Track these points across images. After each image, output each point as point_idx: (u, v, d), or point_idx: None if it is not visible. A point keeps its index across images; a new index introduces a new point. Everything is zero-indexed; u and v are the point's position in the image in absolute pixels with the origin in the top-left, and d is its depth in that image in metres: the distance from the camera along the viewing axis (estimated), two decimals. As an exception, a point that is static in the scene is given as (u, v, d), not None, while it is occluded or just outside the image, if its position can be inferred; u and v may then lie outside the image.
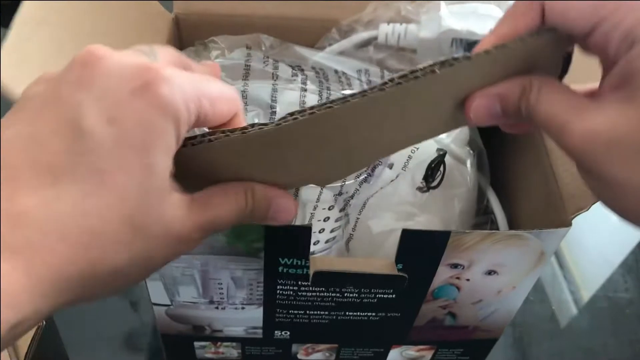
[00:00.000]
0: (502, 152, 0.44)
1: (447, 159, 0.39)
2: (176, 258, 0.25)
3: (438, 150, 0.38)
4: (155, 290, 0.37)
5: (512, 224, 0.42)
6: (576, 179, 0.35)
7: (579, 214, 0.34)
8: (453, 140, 0.40)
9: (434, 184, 0.38)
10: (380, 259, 0.34)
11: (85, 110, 0.22)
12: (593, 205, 0.33)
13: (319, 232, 0.40)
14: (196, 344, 0.43)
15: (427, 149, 0.39)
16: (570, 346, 0.51)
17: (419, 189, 0.38)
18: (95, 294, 0.23)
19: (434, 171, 0.38)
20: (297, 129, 0.25)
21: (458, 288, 0.38)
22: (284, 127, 0.24)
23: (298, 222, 0.39)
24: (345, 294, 0.37)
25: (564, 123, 0.25)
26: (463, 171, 0.40)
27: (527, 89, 0.26)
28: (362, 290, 0.37)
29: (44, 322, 0.41)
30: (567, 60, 0.28)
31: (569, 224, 0.34)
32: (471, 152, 0.42)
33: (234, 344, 0.43)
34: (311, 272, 0.33)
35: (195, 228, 0.25)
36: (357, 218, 0.41)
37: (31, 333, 0.40)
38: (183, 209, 0.24)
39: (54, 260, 0.20)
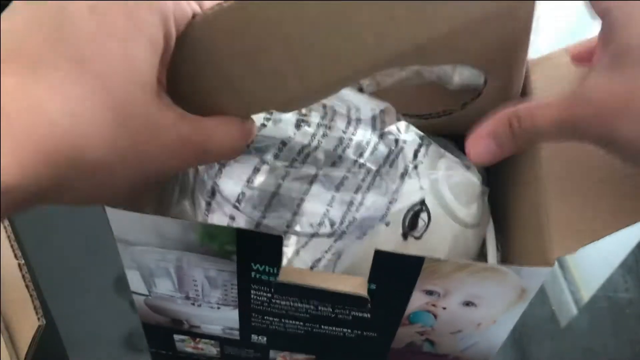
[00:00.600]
0: (503, 182, 0.43)
1: (436, 209, 0.37)
2: (170, 172, 0.26)
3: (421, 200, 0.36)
4: (133, 279, 0.38)
5: (507, 258, 0.41)
6: (569, 220, 0.34)
7: (563, 256, 0.32)
8: (452, 190, 0.38)
9: (417, 234, 0.36)
10: (354, 278, 0.34)
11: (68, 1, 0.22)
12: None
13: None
14: (176, 337, 0.44)
15: (410, 197, 0.37)
16: (570, 346, 0.51)
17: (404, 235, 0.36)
18: (84, 188, 0.23)
19: (413, 222, 0.36)
20: (222, 21, 0.23)
21: (435, 315, 0.37)
22: (207, 16, 0.23)
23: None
24: (319, 308, 0.37)
25: (564, 125, 0.29)
26: (455, 229, 0.38)
27: (514, 122, 0.30)
28: (336, 306, 0.36)
29: (44, 322, 0.41)
30: None
31: (551, 264, 0.33)
32: (477, 213, 0.39)
33: (213, 341, 0.44)
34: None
35: (186, 141, 0.25)
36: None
37: (31, 333, 0.41)
38: (173, 115, 0.24)
39: (37, 138, 0.20)
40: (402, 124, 0.37)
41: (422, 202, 0.36)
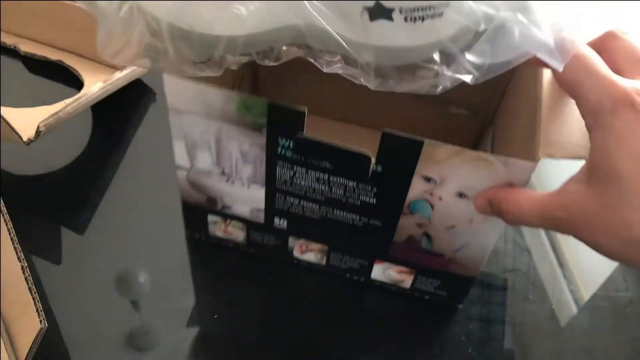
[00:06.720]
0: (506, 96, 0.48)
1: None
2: None
3: None
4: (179, 151, 0.44)
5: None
6: (557, 135, 0.38)
7: (547, 158, 0.37)
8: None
9: None
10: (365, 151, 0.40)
11: None
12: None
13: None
14: (210, 217, 0.50)
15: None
16: (570, 346, 0.51)
17: None
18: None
19: None
20: None
21: (432, 206, 0.42)
22: None
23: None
24: (333, 190, 0.43)
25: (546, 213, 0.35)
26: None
27: (502, 207, 0.38)
28: (347, 188, 0.42)
29: (46, 325, 0.40)
30: None
31: (536, 160, 0.37)
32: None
33: (241, 224, 0.50)
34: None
35: None
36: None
37: (32, 336, 0.40)
38: None
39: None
40: None
41: None
